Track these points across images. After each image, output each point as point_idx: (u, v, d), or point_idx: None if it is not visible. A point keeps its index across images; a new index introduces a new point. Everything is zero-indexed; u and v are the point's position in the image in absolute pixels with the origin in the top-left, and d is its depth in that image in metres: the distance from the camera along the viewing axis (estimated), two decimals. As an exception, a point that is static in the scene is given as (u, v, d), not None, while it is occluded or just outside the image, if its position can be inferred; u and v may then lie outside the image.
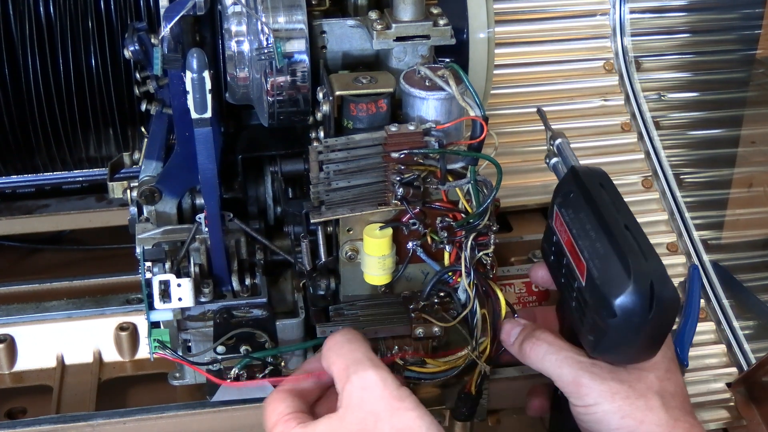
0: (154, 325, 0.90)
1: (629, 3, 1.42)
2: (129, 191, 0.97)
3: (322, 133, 0.87)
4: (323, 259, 0.91)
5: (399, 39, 0.88)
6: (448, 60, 0.88)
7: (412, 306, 0.91)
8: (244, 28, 0.87)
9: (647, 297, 0.76)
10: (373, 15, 0.89)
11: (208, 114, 0.83)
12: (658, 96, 1.40)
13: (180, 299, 0.88)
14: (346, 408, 0.79)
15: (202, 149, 0.86)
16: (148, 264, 0.90)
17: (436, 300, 0.91)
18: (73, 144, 1.22)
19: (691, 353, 1.04)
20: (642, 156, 1.34)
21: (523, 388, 0.97)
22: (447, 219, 0.87)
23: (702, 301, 1.16)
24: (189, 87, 0.81)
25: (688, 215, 1.28)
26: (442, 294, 0.91)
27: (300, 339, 0.95)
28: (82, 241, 1.38)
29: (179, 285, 0.87)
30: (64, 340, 1.14)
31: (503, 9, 1.37)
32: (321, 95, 0.87)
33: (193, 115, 0.83)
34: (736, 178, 1.40)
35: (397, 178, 0.85)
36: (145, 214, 0.95)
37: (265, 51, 0.86)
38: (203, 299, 0.91)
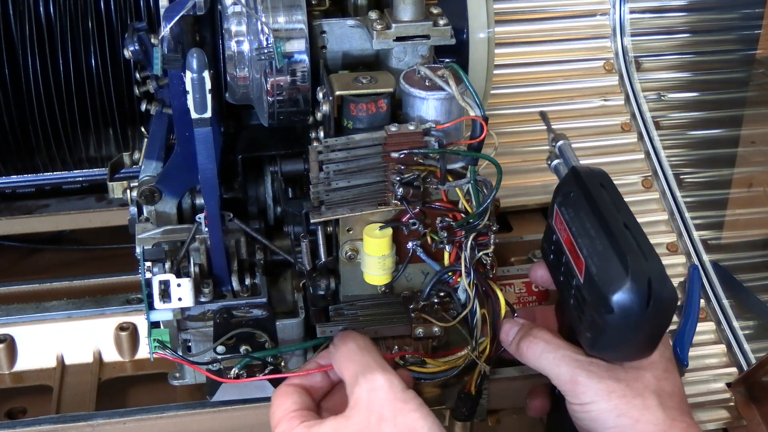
0: (154, 325, 0.89)
1: (629, 3, 1.42)
2: (129, 191, 0.97)
3: (322, 133, 0.87)
4: (323, 259, 0.91)
5: (399, 39, 0.88)
6: (448, 60, 0.88)
7: (412, 306, 0.91)
8: (244, 28, 0.87)
9: (645, 294, 0.76)
10: (373, 15, 0.89)
11: (208, 114, 0.83)
12: (658, 96, 1.40)
13: (180, 299, 0.88)
14: (352, 408, 0.80)
15: (202, 149, 0.86)
16: (148, 264, 0.90)
17: (436, 300, 0.91)
18: (73, 144, 1.22)
19: (691, 353, 1.04)
20: (642, 156, 1.34)
21: (523, 388, 0.97)
22: (447, 219, 0.87)
23: (702, 301, 1.16)
24: (189, 87, 0.81)
25: (688, 215, 1.28)
26: (442, 294, 0.91)
27: (300, 339, 0.95)
28: (82, 241, 1.38)
29: (179, 285, 0.87)
30: (64, 340, 1.14)
31: (503, 9, 1.37)
32: (321, 95, 0.87)
33: (193, 115, 0.83)
34: (736, 178, 1.40)
35: (397, 178, 0.84)
36: (145, 214, 0.95)
37: (265, 51, 0.86)
38: (203, 299, 0.90)
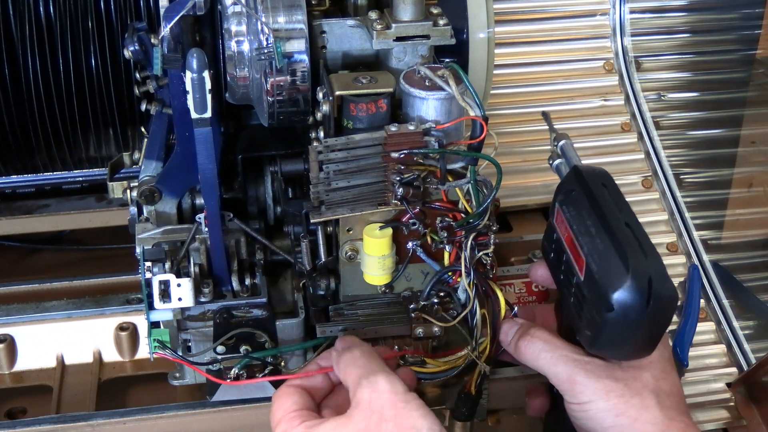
0: (154, 325, 0.90)
1: (629, 3, 1.42)
2: (129, 191, 0.97)
3: (322, 133, 0.87)
4: (323, 259, 0.91)
5: (399, 39, 0.88)
6: (448, 60, 0.88)
7: (412, 306, 0.91)
8: (244, 28, 0.87)
9: (645, 293, 0.76)
10: (373, 15, 0.89)
11: (208, 114, 0.83)
12: (658, 96, 1.40)
13: (180, 299, 0.88)
14: (354, 409, 0.80)
15: (202, 149, 0.86)
16: (148, 264, 0.90)
17: (436, 300, 0.91)
18: (73, 144, 1.22)
19: (691, 353, 1.04)
20: (642, 156, 1.34)
21: (523, 388, 0.97)
22: (447, 219, 0.87)
23: (702, 301, 1.16)
24: (189, 87, 0.81)
25: (688, 215, 1.28)
26: (442, 294, 0.91)
27: (300, 339, 0.94)
28: (82, 241, 1.38)
29: (179, 285, 0.87)
30: (64, 340, 1.14)
31: (503, 9, 1.37)
32: (321, 95, 0.87)
33: (193, 115, 0.83)
34: (736, 178, 1.40)
35: (397, 178, 0.84)
36: (145, 214, 0.95)
37: (265, 51, 0.86)
38: (203, 299, 0.90)
